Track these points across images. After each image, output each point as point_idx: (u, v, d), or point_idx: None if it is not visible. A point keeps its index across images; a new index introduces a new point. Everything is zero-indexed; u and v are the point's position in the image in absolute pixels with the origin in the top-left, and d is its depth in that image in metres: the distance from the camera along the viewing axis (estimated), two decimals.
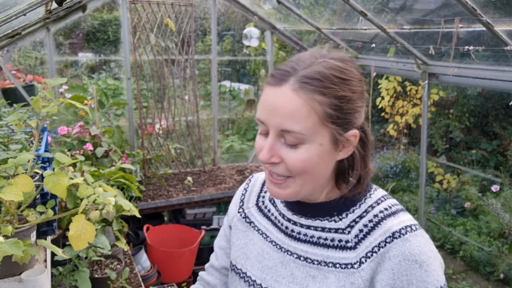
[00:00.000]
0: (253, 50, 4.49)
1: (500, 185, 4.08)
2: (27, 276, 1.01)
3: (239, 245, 1.02)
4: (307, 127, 0.77)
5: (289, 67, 0.80)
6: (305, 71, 0.78)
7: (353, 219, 0.86)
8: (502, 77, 2.58)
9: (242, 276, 0.98)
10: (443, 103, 5.15)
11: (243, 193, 1.09)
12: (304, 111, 0.77)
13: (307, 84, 0.77)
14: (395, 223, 0.83)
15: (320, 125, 0.78)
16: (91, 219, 0.92)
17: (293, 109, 0.77)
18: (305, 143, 0.79)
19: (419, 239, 0.80)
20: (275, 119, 0.78)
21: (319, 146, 0.79)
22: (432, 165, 4.73)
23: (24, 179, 0.96)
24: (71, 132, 2.84)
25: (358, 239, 0.84)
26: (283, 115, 0.77)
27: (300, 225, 0.91)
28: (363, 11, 2.90)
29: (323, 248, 0.87)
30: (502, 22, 2.29)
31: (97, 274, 2.06)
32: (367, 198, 0.88)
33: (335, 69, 0.79)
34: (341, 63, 0.81)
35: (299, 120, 0.77)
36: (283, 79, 0.79)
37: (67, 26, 3.59)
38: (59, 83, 1.12)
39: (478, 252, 3.85)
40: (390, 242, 0.80)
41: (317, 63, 0.79)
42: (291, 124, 0.77)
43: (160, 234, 3.36)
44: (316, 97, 0.77)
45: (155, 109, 3.75)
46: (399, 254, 0.79)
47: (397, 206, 0.87)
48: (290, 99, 0.77)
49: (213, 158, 4.28)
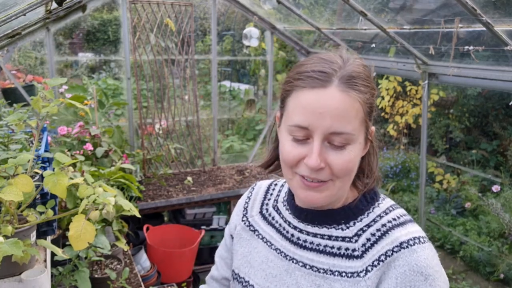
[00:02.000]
0: (253, 50, 4.49)
1: (500, 185, 4.08)
2: (27, 276, 1.01)
3: (242, 253, 1.00)
4: (355, 127, 0.77)
5: (327, 68, 0.78)
6: (345, 71, 0.77)
7: (360, 228, 0.85)
8: (502, 77, 2.58)
9: (245, 285, 0.96)
10: (443, 103, 5.15)
11: (246, 201, 1.07)
12: (353, 110, 0.76)
13: (353, 84, 0.77)
14: (403, 234, 0.82)
15: (362, 124, 0.79)
16: (91, 219, 0.92)
17: (344, 109, 0.76)
18: (351, 144, 0.78)
19: (427, 252, 0.79)
20: (325, 122, 0.76)
21: (359, 144, 0.80)
22: (432, 165, 4.73)
23: (24, 179, 0.96)
24: (71, 132, 2.83)
25: (365, 248, 0.83)
26: (334, 116, 0.75)
27: (306, 232, 0.90)
28: (363, 11, 2.90)
29: (329, 257, 0.85)
30: (502, 22, 2.29)
31: (97, 274, 2.06)
32: (375, 207, 0.87)
33: (364, 68, 0.81)
34: (361, 62, 0.83)
35: (349, 120, 0.76)
36: (326, 80, 0.77)
37: (67, 26, 3.59)
38: (59, 83, 1.12)
39: (478, 252, 3.85)
40: (398, 251, 0.79)
41: (349, 64, 0.79)
42: (342, 125, 0.76)
43: (160, 234, 3.36)
44: (361, 96, 0.77)
45: (155, 109, 3.75)
46: (405, 264, 0.78)
47: (406, 217, 0.86)
48: (339, 100, 0.75)
49: (213, 158, 4.28)
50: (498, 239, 3.86)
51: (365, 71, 0.81)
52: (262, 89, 5.54)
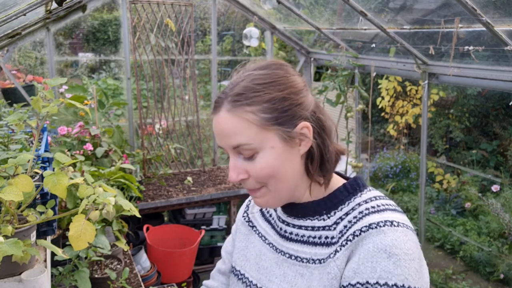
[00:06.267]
0: (253, 50, 4.49)
1: (500, 185, 4.08)
2: (27, 276, 1.01)
3: (240, 248, 1.06)
4: (251, 137, 0.83)
5: (222, 93, 0.88)
6: (232, 92, 0.85)
7: (339, 216, 0.88)
8: (502, 77, 2.58)
9: (240, 278, 1.01)
10: (443, 103, 5.15)
11: (250, 199, 1.14)
12: (242, 125, 0.83)
13: (236, 102, 0.84)
14: (376, 218, 0.82)
15: (263, 131, 0.83)
16: (91, 219, 0.92)
17: (232, 127, 0.84)
18: (258, 152, 0.84)
19: (398, 235, 0.79)
20: (224, 141, 0.86)
21: (271, 149, 0.84)
22: (432, 165, 4.73)
23: (24, 179, 0.96)
24: (71, 132, 2.83)
25: (341, 234, 0.85)
26: (227, 135, 0.85)
27: (292, 225, 0.95)
28: (363, 11, 2.90)
29: (311, 246, 0.89)
30: (502, 22, 2.29)
31: (97, 274, 2.06)
32: (356, 197, 0.90)
33: (256, 78, 0.85)
34: (263, 70, 0.87)
35: (240, 134, 0.83)
36: (218, 106, 0.87)
37: (67, 26, 3.59)
38: (59, 83, 1.12)
39: (478, 252, 3.85)
40: (366, 231, 0.80)
41: (241, 80, 0.86)
42: (236, 139, 0.84)
43: (160, 234, 3.36)
44: (247, 109, 0.83)
45: (155, 109, 3.75)
46: (370, 242, 0.79)
47: (388, 206, 0.86)
48: (226, 120, 0.84)
49: (213, 158, 4.28)
50: (498, 239, 3.86)
51: (261, 80, 0.85)
52: None
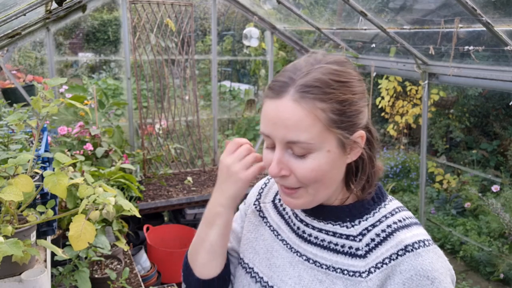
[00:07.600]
0: (253, 50, 4.49)
1: (500, 185, 4.08)
2: (27, 276, 1.01)
3: (248, 238, 1.02)
4: (313, 136, 0.77)
5: (287, 77, 0.79)
6: (303, 80, 0.77)
7: (365, 227, 0.85)
8: (502, 77, 2.58)
9: (249, 271, 0.97)
10: (443, 103, 5.15)
11: (263, 187, 1.08)
12: (308, 120, 0.76)
13: (307, 93, 0.76)
14: (408, 236, 0.81)
15: (326, 132, 0.78)
16: (91, 219, 0.92)
17: (297, 120, 0.76)
18: (313, 152, 0.78)
19: (431, 255, 0.79)
20: (280, 131, 0.78)
21: (327, 153, 0.79)
22: (432, 165, 4.72)
23: (24, 179, 0.96)
24: (71, 132, 2.83)
25: (369, 248, 0.83)
26: (287, 127, 0.77)
27: (312, 227, 0.91)
28: (363, 11, 2.90)
29: (332, 253, 0.86)
30: (502, 22, 2.29)
31: (97, 274, 2.06)
32: (382, 207, 0.87)
33: (333, 73, 0.78)
34: (338, 66, 0.80)
35: (304, 129, 0.76)
36: (282, 90, 0.78)
37: (67, 26, 3.59)
38: (59, 83, 1.12)
39: (478, 252, 3.85)
40: (402, 255, 0.79)
41: (314, 70, 0.78)
42: (296, 134, 0.77)
43: (160, 234, 3.36)
44: (318, 105, 0.76)
45: (155, 109, 3.75)
46: (411, 269, 0.78)
47: (411, 219, 0.86)
48: (292, 110, 0.76)
49: (213, 158, 4.28)
50: (498, 239, 3.86)
51: (337, 77, 0.79)
52: (262, 89, 5.54)
